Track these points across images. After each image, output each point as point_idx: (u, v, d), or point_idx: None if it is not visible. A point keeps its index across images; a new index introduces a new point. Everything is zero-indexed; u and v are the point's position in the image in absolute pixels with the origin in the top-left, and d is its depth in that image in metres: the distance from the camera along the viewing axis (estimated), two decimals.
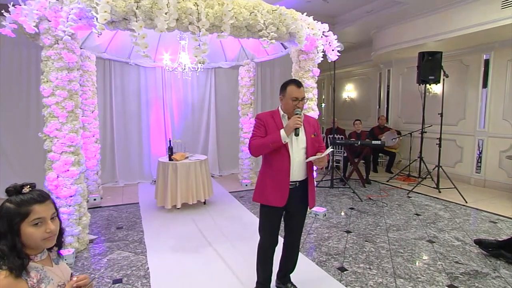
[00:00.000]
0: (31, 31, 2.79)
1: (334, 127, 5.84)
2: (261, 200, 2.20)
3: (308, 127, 2.23)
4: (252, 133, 2.17)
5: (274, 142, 2.04)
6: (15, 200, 1.09)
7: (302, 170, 2.18)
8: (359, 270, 2.81)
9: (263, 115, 2.21)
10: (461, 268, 2.84)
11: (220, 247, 3.29)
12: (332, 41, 4.04)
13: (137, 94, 6.12)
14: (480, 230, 3.73)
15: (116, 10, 2.61)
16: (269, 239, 2.24)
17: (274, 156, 2.12)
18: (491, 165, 5.68)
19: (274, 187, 2.13)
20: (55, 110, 2.92)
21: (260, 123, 2.16)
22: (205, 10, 2.93)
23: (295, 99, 2.13)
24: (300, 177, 2.18)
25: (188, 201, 4.38)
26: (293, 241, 2.35)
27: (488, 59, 5.62)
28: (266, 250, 2.27)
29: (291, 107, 2.13)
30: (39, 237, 1.10)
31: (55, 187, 2.95)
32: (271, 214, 2.20)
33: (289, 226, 2.32)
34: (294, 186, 2.16)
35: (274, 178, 2.13)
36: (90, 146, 4.76)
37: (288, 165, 2.11)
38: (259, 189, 2.22)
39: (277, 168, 2.12)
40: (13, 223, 1.06)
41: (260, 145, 2.08)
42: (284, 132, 2.04)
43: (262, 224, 2.26)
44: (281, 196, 2.12)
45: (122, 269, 2.82)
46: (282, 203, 2.12)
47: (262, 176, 2.22)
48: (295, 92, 2.14)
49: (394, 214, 4.28)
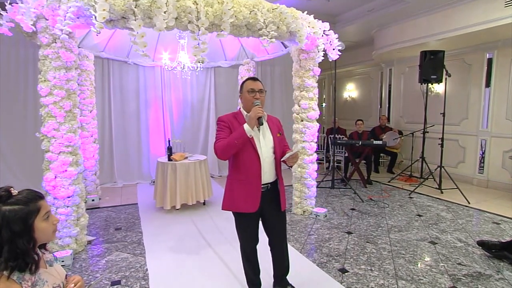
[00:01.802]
0: (29, 29, 2.79)
1: (335, 127, 5.84)
2: (232, 208, 2.12)
3: (273, 126, 2.19)
4: (216, 137, 2.08)
5: (239, 137, 1.95)
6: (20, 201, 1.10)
7: (273, 171, 2.14)
8: (360, 271, 2.80)
9: (225, 117, 2.13)
10: (464, 270, 2.83)
11: (220, 248, 3.29)
12: (333, 40, 4.04)
13: (136, 93, 6.12)
14: (483, 231, 3.72)
15: (115, 8, 2.61)
16: (249, 241, 2.20)
17: (242, 158, 2.05)
18: (494, 165, 5.67)
19: (245, 192, 2.06)
20: (52, 109, 2.92)
21: (223, 125, 2.08)
22: (205, 9, 2.93)
23: (251, 90, 2.10)
24: (271, 178, 2.13)
25: (188, 202, 4.38)
26: (277, 243, 2.28)
27: (491, 58, 5.62)
28: (248, 252, 2.23)
29: (249, 100, 2.09)
30: (51, 230, 1.17)
31: (53, 188, 2.95)
32: (246, 221, 2.14)
33: (268, 229, 2.26)
34: (266, 188, 2.11)
35: (244, 182, 2.06)
36: (88, 146, 4.76)
37: (258, 166, 2.04)
38: (228, 197, 2.13)
39: (247, 171, 2.05)
40: (29, 221, 1.09)
41: (226, 145, 1.97)
42: (247, 125, 1.96)
43: (238, 231, 2.21)
44: (252, 201, 2.05)
45: (120, 271, 2.82)
46: (254, 208, 2.05)
47: (231, 181, 2.14)
48: (250, 84, 2.12)
49: (395, 215, 4.28)
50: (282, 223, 2.28)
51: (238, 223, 2.20)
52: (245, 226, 2.17)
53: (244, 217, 2.13)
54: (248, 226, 2.16)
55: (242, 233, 2.21)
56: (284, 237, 2.32)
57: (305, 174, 4.19)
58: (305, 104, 4.10)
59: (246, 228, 2.18)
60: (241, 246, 2.25)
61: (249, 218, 2.13)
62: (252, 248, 2.23)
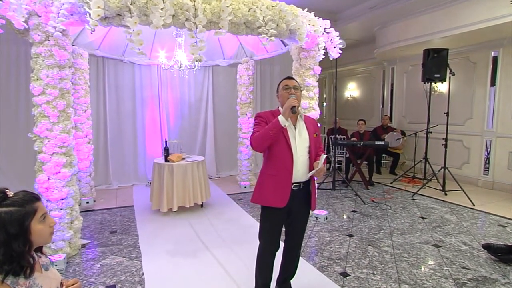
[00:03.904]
0: (20, 26, 2.78)
1: (336, 127, 5.84)
2: (261, 201, 2.18)
3: (310, 126, 2.25)
4: (253, 131, 2.17)
5: (273, 127, 2.02)
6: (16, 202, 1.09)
7: (306, 170, 2.18)
8: (362, 275, 2.80)
9: (263, 113, 2.23)
10: (469, 274, 2.83)
11: (218, 251, 3.28)
12: (333, 38, 4.04)
13: (131, 92, 6.11)
14: (488, 234, 3.72)
15: (110, 5, 2.60)
16: (270, 244, 2.23)
17: (276, 153, 2.12)
18: (499, 166, 5.68)
19: (275, 186, 2.12)
20: (45, 109, 2.91)
21: (261, 120, 2.17)
22: (202, 6, 2.93)
23: (286, 87, 2.19)
24: (303, 177, 2.18)
25: (185, 204, 4.37)
26: (294, 245, 2.34)
27: (497, 56, 5.63)
28: (266, 255, 2.25)
29: (285, 97, 2.16)
30: (48, 232, 1.17)
31: (46, 190, 2.94)
32: (272, 216, 2.19)
33: (291, 229, 2.31)
34: (298, 187, 2.16)
35: (275, 177, 2.13)
36: (83, 147, 4.75)
37: (291, 163, 2.10)
38: (259, 190, 2.20)
39: (278, 166, 2.12)
40: (25, 223, 1.09)
41: (261, 136, 2.05)
42: (282, 116, 2.04)
43: (262, 227, 2.25)
44: (282, 196, 2.10)
45: (115, 275, 2.80)
46: (283, 203, 2.10)
47: (263, 175, 2.22)
48: (285, 82, 2.23)
49: (398, 217, 4.28)
50: (305, 225, 2.34)
51: (264, 219, 2.23)
52: (270, 222, 2.20)
53: (271, 212, 2.16)
54: (273, 223, 2.20)
55: (265, 232, 2.24)
56: (302, 238, 2.37)
57: None
58: (305, 103, 4.10)
59: (270, 225, 2.21)
60: (261, 248, 2.27)
61: (276, 214, 2.16)
62: (271, 253, 2.25)
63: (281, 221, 2.22)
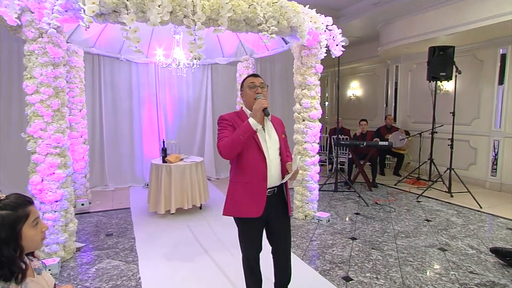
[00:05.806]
0: (13, 23, 2.77)
1: (338, 127, 5.84)
2: (234, 213, 2.07)
3: (278, 126, 2.18)
4: (218, 137, 2.04)
5: (244, 132, 1.92)
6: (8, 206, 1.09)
7: (279, 173, 2.12)
8: (365, 279, 2.79)
9: (227, 116, 2.11)
10: (476, 279, 2.82)
11: (217, 255, 3.27)
12: (336, 35, 4.04)
13: (128, 91, 6.11)
14: (496, 238, 3.71)
15: (105, 1, 2.60)
16: (251, 251, 2.18)
17: (247, 160, 2.02)
18: (508, 167, 5.66)
19: (249, 195, 2.02)
20: (39, 108, 2.90)
21: (227, 123, 2.05)
22: (201, 3, 2.93)
23: (252, 85, 2.08)
24: (277, 182, 2.11)
25: (183, 206, 4.37)
26: (280, 249, 2.25)
27: (505, 53, 5.61)
28: (250, 261, 2.20)
29: (251, 96, 2.07)
30: (40, 237, 1.17)
31: (40, 191, 2.93)
32: (248, 227, 2.11)
33: (272, 235, 2.23)
34: (272, 193, 2.09)
35: (247, 185, 2.03)
36: (78, 147, 4.75)
37: (264, 168, 2.02)
38: (231, 200, 2.09)
39: (251, 173, 2.02)
40: (16, 228, 1.08)
41: (231, 142, 1.94)
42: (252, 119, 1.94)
43: (240, 238, 2.18)
44: (257, 204, 2.01)
45: (111, 279, 2.80)
46: (259, 212, 2.00)
47: (233, 184, 2.10)
48: (250, 79, 2.12)
49: (402, 220, 4.27)
50: (287, 229, 2.27)
51: (241, 230, 2.16)
52: (248, 233, 2.14)
53: (247, 223, 2.10)
54: (252, 233, 2.14)
55: (244, 241, 2.18)
56: (289, 244, 2.30)
57: (307, 177, 4.18)
58: (306, 103, 4.10)
59: (249, 235, 2.15)
60: (243, 255, 2.22)
61: (253, 224, 2.10)
62: (255, 257, 2.21)
63: (260, 229, 2.15)
